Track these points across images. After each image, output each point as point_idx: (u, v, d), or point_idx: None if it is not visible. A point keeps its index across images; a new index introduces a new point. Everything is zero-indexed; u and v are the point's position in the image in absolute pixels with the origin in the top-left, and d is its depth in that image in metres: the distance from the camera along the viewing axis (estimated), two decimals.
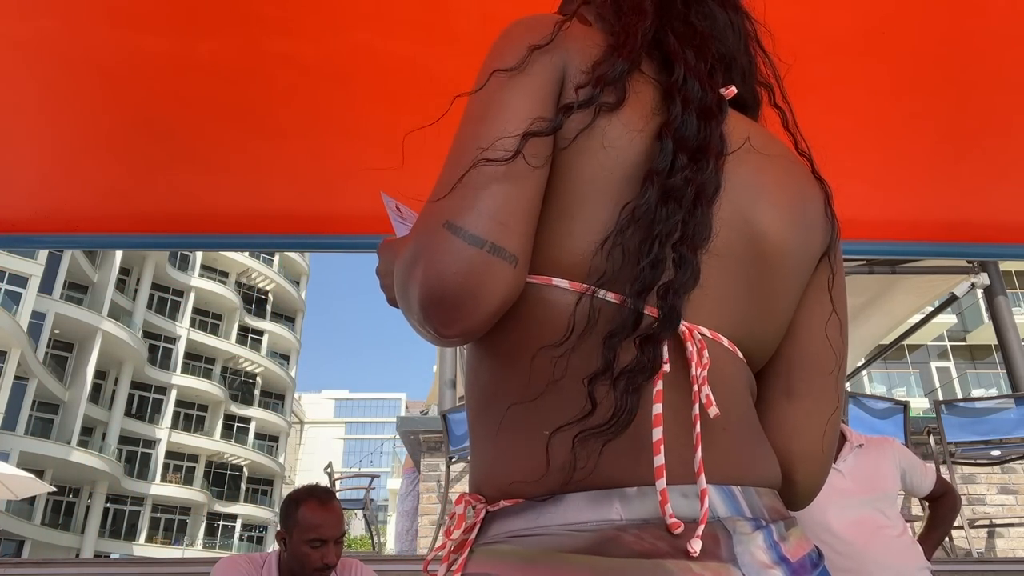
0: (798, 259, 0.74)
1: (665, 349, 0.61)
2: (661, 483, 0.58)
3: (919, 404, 18.56)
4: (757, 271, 0.70)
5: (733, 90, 0.73)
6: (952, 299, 6.49)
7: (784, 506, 0.69)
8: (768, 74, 0.82)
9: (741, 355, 0.70)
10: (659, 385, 0.60)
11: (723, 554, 0.58)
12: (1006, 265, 13.01)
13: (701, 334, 0.65)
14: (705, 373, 0.62)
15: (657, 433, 0.59)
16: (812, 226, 0.76)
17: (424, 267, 0.61)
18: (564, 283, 0.65)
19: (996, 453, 4.99)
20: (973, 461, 5.15)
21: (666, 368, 0.61)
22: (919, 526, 4.92)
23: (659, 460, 0.58)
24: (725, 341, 0.68)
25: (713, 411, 0.61)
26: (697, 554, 0.56)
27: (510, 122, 0.65)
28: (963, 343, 26.76)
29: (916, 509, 4.94)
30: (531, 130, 0.65)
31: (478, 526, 0.66)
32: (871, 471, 2.62)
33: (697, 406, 0.61)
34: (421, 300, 0.62)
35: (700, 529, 0.57)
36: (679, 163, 0.64)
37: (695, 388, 0.61)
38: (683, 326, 0.63)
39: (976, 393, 21.44)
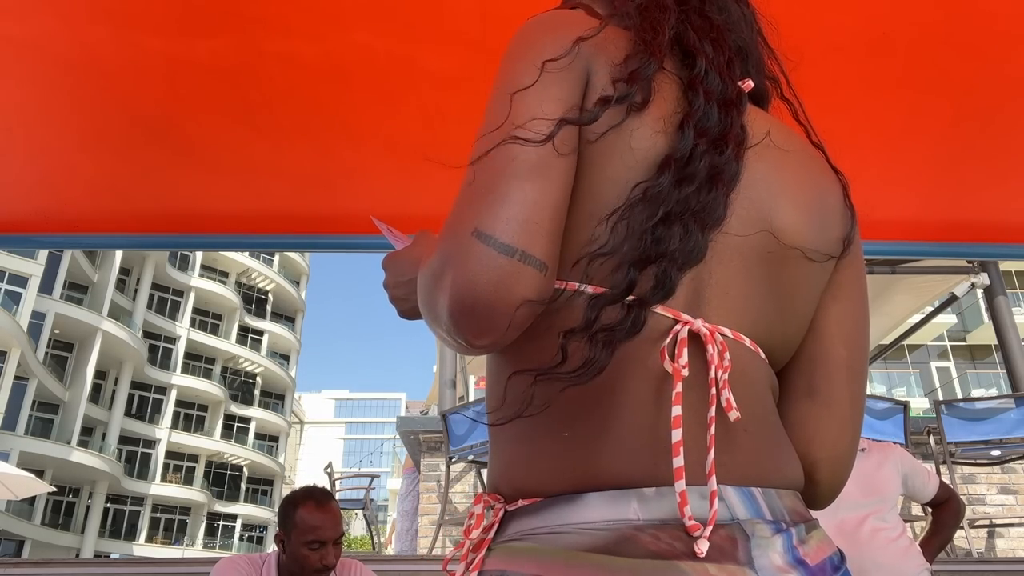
0: (819, 257, 0.74)
1: (686, 351, 0.61)
2: (680, 484, 0.57)
3: (919, 404, 18.55)
4: (778, 269, 0.70)
5: (751, 84, 0.73)
6: (952, 299, 6.49)
7: (806, 507, 0.69)
8: (775, 68, 0.82)
9: (763, 355, 0.70)
10: (678, 387, 0.60)
11: (740, 557, 0.58)
12: (1006, 265, 13.01)
13: (723, 335, 0.65)
14: (726, 376, 0.62)
15: (677, 435, 0.58)
16: (831, 222, 0.76)
17: (453, 277, 0.60)
18: (587, 288, 0.64)
19: (996, 453, 4.99)
20: (973, 461, 5.14)
21: (685, 372, 0.60)
22: (919, 527, 4.94)
23: (678, 462, 0.58)
24: (747, 341, 0.68)
25: (734, 415, 0.60)
26: (703, 555, 0.56)
27: (545, 107, 0.65)
28: (963, 343, 26.75)
29: (916, 510, 4.94)
30: (567, 117, 0.64)
31: (496, 525, 0.66)
32: (871, 475, 2.63)
33: (714, 408, 0.61)
34: (451, 310, 0.61)
35: (708, 530, 0.57)
36: (699, 149, 0.64)
37: (713, 391, 0.61)
38: (705, 327, 0.63)
39: (976, 393, 21.44)
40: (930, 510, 2.92)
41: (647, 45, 0.69)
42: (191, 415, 34.61)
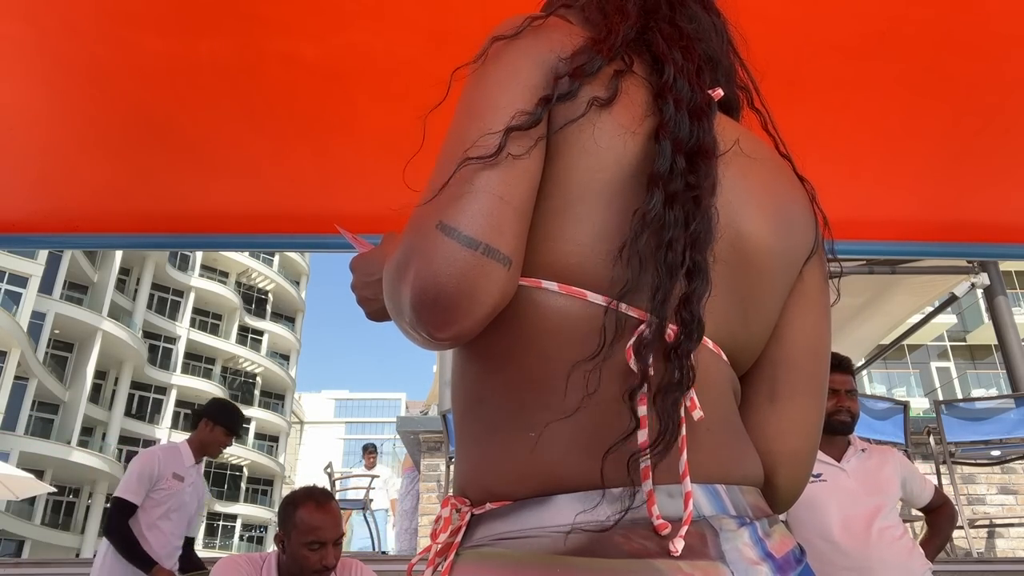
0: (783, 263, 0.75)
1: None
2: (648, 484, 0.58)
3: (919, 404, 18.55)
4: (743, 275, 0.71)
5: (720, 92, 0.73)
6: (952, 299, 6.48)
7: (767, 504, 0.70)
8: (745, 78, 0.82)
9: (726, 358, 0.71)
10: (644, 388, 0.60)
11: (711, 552, 0.58)
12: (1006, 265, 13.01)
13: None
14: None
15: (643, 435, 0.59)
16: (797, 230, 0.77)
17: (417, 269, 0.60)
18: (553, 285, 0.64)
19: (996, 453, 4.99)
20: (973, 461, 5.15)
21: (651, 371, 0.60)
22: (918, 526, 4.93)
23: (645, 462, 0.58)
24: (710, 344, 0.68)
25: (697, 414, 0.61)
26: (679, 553, 0.57)
27: (495, 118, 0.65)
28: (963, 343, 26.76)
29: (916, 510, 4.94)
30: (512, 125, 0.64)
31: (463, 529, 0.65)
32: (875, 474, 2.64)
33: (682, 409, 0.61)
34: (414, 302, 0.61)
35: (683, 530, 0.58)
36: (678, 165, 0.64)
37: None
38: (669, 329, 0.63)
39: (976, 393, 21.44)
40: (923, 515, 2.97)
41: (596, 43, 0.70)
42: (191, 415, 34.61)
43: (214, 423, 3.73)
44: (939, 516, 2.87)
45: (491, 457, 0.65)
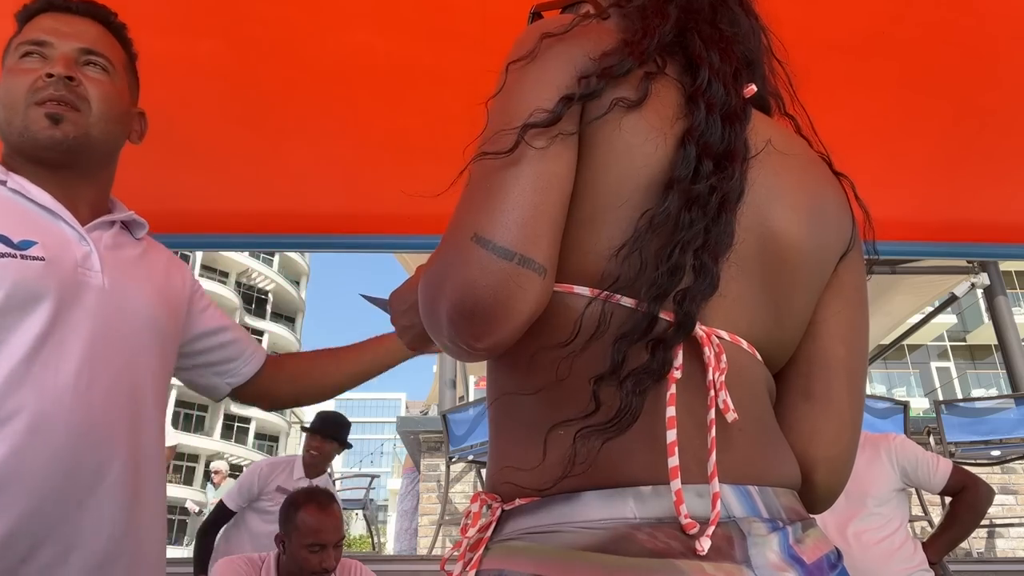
0: (816, 260, 0.74)
1: (681, 354, 0.61)
2: (676, 483, 0.58)
3: (919, 404, 18.54)
4: (775, 273, 0.70)
5: (753, 88, 0.72)
6: (952, 299, 6.48)
7: (803, 507, 0.69)
8: (779, 84, 0.82)
9: (759, 357, 0.70)
10: (672, 389, 0.60)
11: (737, 555, 0.58)
12: (1006, 265, 13.00)
13: (719, 337, 0.65)
14: (723, 377, 0.62)
15: (671, 435, 0.59)
16: (831, 226, 0.76)
17: (453, 282, 0.61)
18: (585, 291, 0.65)
19: (996, 453, 5.00)
20: (973, 461, 5.14)
21: (677, 374, 0.60)
22: (918, 527, 4.93)
23: (673, 461, 0.58)
24: (744, 343, 0.68)
25: (731, 415, 0.61)
26: (705, 552, 0.56)
27: (515, 115, 0.65)
28: (963, 343, 26.76)
29: (915, 509, 4.94)
30: (529, 121, 0.64)
31: (494, 524, 0.66)
32: (859, 473, 2.53)
33: (713, 410, 0.61)
34: (451, 315, 0.61)
35: (710, 529, 0.57)
36: (704, 169, 0.64)
37: (712, 392, 0.61)
38: (701, 330, 0.63)
39: (976, 393, 21.44)
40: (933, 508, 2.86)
41: (628, 45, 0.69)
42: (191, 415, 34.62)
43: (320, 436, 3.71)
44: (957, 503, 2.57)
45: (522, 455, 0.65)
